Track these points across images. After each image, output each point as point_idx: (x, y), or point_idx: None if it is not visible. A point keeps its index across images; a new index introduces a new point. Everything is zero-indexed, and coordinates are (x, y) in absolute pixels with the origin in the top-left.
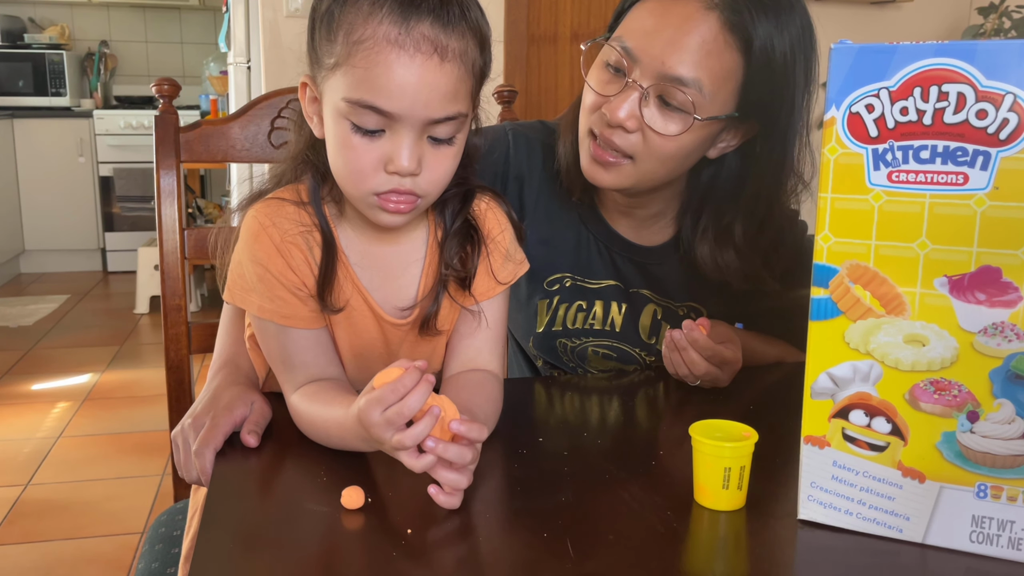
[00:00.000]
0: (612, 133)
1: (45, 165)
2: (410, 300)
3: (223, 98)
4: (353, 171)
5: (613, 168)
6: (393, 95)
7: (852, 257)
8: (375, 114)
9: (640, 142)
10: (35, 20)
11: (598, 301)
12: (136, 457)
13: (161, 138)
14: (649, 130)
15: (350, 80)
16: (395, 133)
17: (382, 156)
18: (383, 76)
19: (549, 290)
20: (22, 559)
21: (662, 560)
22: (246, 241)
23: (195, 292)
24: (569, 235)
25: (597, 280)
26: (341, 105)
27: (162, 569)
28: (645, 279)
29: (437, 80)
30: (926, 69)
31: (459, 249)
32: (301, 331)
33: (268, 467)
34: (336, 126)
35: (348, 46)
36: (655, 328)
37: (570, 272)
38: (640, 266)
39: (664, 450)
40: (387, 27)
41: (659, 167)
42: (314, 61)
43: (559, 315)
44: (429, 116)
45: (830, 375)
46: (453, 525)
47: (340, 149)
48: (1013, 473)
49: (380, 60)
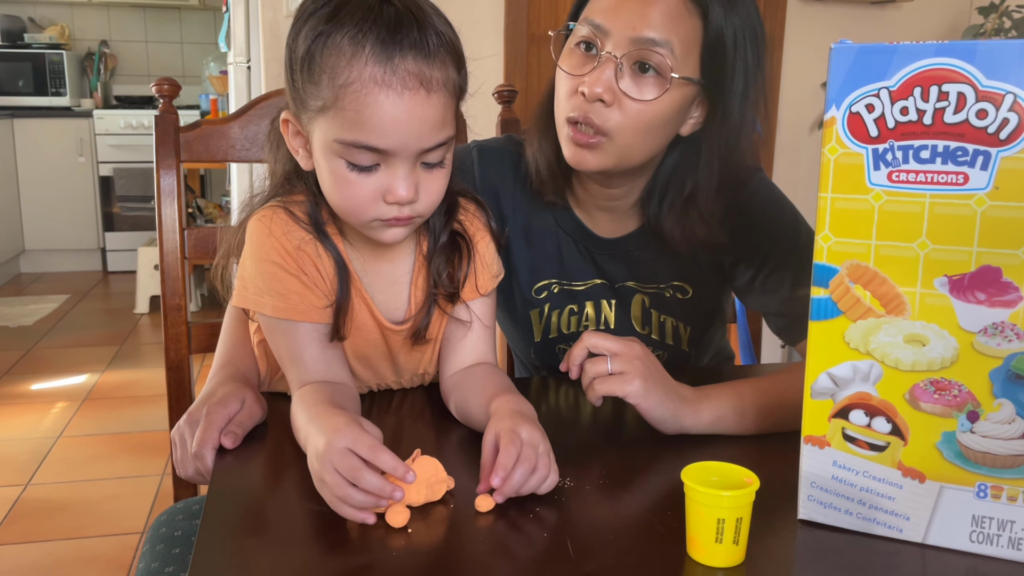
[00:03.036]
0: (591, 110)
1: (45, 165)
2: (402, 308)
3: (223, 98)
4: (353, 205)
5: (596, 149)
6: (387, 133)
7: (852, 257)
8: (369, 152)
9: (619, 116)
10: (35, 20)
11: (588, 302)
12: (136, 457)
13: (161, 138)
14: (628, 100)
15: (340, 122)
16: (390, 166)
17: (379, 188)
18: (375, 117)
19: (538, 298)
20: (22, 559)
21: (662, 560)
22: (254, 244)
23: (195, 292)
24: (548, 241)
25: (583, 281)
26: (334, 145)
27: (162, 569)
28: (628, 270)
29: (426, 112)
30: (926, 69)
31: (447, 264)
32: (312, 326)
33: (268, 467)
34: (329, 163)
35: (334, 89)
36: (646, 318)
37: (556, 278)
38: (620, 258)
39: (665, 450)
40: (372, 68)
41: (639, 140)
42: (297, 102)
43: (553, 322)
44: (421, 147)
45: (830, 375)
46: (453, 525)
47: (337, 186)
48: (1013, 473)
49: (369, 101)
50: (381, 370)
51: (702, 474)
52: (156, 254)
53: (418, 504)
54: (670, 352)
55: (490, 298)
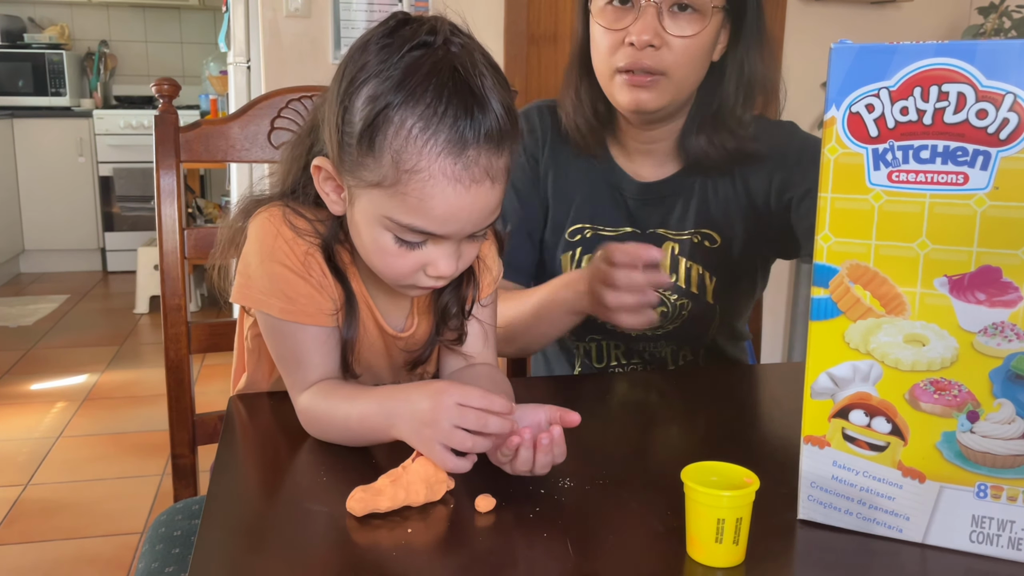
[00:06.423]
0: (643, 56)
1: (45, 165)
2: (403, 315)
3: (223, 98)
4: (393, 272)
5: (653, 88)
6: (447, 223)
7: (852, 257)
8: (423, 234)
9: (669, 55)
10: (35, 20)
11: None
12: (136, 457)
13: (161, 138)
14: (675, 39)
15: (399, 203)
16: (438, 243)
17: (422, 261)
18: (439, 208)
19: (571, 241)
20: (22, 559)
21: (662, 561)
22: (262, 244)
23: (195, 292)
24: (584, 186)
25: (614, 228)
26: (385, 221)
27: (162, 569)
28: (659, 215)
29: (488, 201)
30: (926, 69)
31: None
32: (318, 328)
33: (268, 467)
34: (374, 233)
35: (398, 172)
36: (673, 265)
37: (589, 223)
38: (655, 204)
39: (665, 450)
40: (443, 161)
41: (691, 73)
42: (345, 163)
43: (583, 267)
44: (475, 230)
45: (830, 375)
46: (453, 525)
47: (379, 254)
48: (1013, 473)
49: (436, 193)
50: (381, 375)
51: (702, 474)
52: (156, 254)
53: (418, 504)
54: (694, 302)
55: (491, 299)
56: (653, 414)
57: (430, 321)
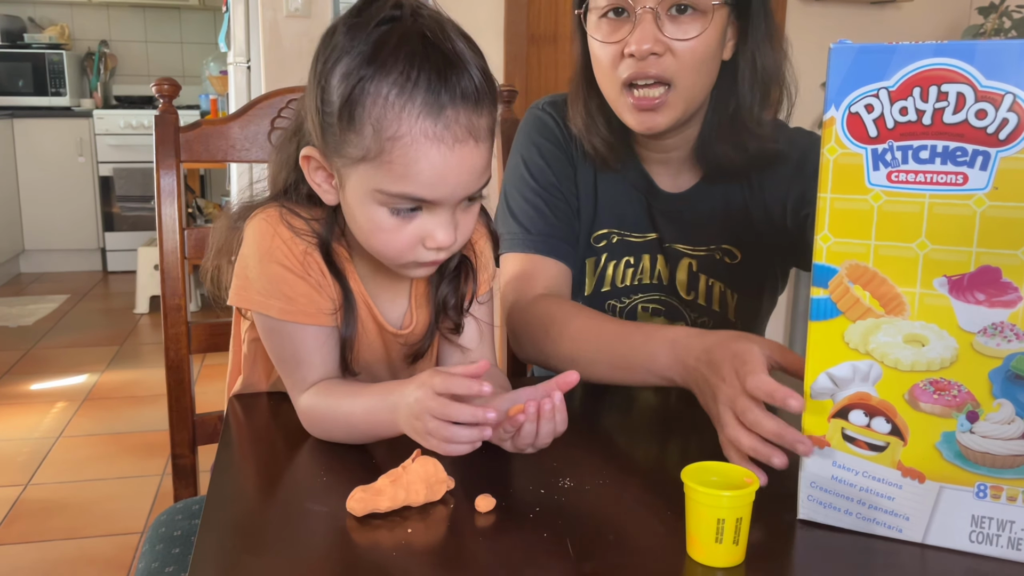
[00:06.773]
0: (646, 66)
1: (45, 165)
2: (401, 313)
3: (223, 98)
4: (391, 250)
5: (661, 107)
6: (436, 185)
7: (852, 257)
8: (414, 200)
9: (673, 61)
10: (35, 20)
11: (645, 255)
12: (136, 457)
13: (161, 138)
14: (676, 43)
15: (386, 174)
16: (432, 211)
17: (419, 233)
18: (425, 171)
19: (596, 247)
20: (22, 559)
21: (662, 561)
22: (260, 245)
23: (195, 292)
24: (613, 189)
25: (641, 234)
26: (376, 195)
27: (162, 569)
28: (679, 230)
29: (474, 162)
30: (926, 69)
31: (453, 294)
32: (318, 328)
33: (268, 467)
34: (368, 211)
35: (380, 142)
36: (692, 282)
37: (616, 228)
38: (674, 217)
39: (665, 450)
40: (423, 122)
41: (699, 77)
42: (329, 145)
43: (607, 274)
44: (467, 194)
45: (830, 375)
46: (453, 525)
47: (375, 232)
48: (1013, 473)
49: (420, 156)
50: (379, 373)
51: (702, 474)
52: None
53: (418, 504)
54: (715, 320)
55: (487, 297)
56: (653, 414)
57: (428, 317)
